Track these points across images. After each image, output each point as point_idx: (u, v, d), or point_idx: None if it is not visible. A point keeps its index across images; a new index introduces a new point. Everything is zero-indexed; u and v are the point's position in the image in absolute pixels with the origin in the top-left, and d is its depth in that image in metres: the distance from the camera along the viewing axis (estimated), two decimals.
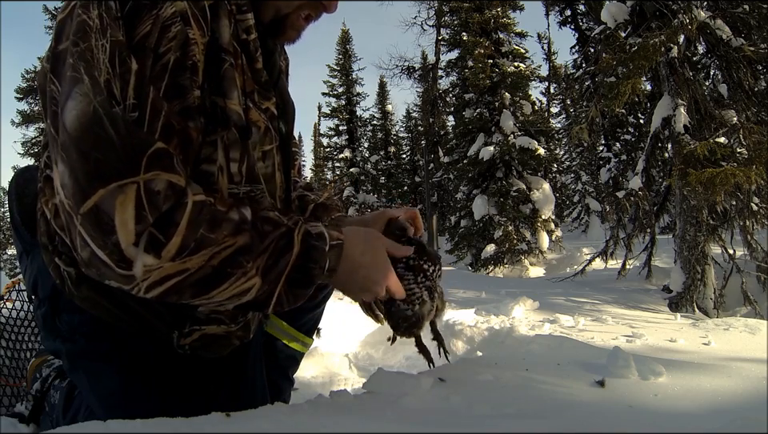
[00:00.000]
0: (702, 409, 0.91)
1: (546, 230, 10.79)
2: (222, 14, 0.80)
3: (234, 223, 0.74)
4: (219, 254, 0.72)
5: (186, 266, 0.70)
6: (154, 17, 0.72)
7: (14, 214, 1.00)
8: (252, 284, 0.75)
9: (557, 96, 18.23)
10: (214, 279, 0.73)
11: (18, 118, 17.37)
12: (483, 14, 11.84)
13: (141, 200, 0.67)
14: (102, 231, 0.67)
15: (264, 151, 0.88)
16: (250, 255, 0.74)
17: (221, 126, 0.80)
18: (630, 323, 3.28)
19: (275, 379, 1.20)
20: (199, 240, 0.70)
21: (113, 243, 0.67)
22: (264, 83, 0.88)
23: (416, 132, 23.13)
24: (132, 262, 0.68)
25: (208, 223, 0.71)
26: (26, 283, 1.01)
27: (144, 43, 0.71)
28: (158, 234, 0.68)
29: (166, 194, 0.69)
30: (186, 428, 0.68)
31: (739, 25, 4.83)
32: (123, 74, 0.70)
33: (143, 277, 0.69)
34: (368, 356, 2.68)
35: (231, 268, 0.73)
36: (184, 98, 0.74)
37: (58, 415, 1.14)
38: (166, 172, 0.70)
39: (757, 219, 4.74)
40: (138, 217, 0.67)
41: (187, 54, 0.74)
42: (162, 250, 0.68)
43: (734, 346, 2.11)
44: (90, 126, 0.68)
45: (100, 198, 0.67)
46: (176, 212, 0.70)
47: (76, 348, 0.91)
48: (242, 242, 0.73)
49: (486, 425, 0.78)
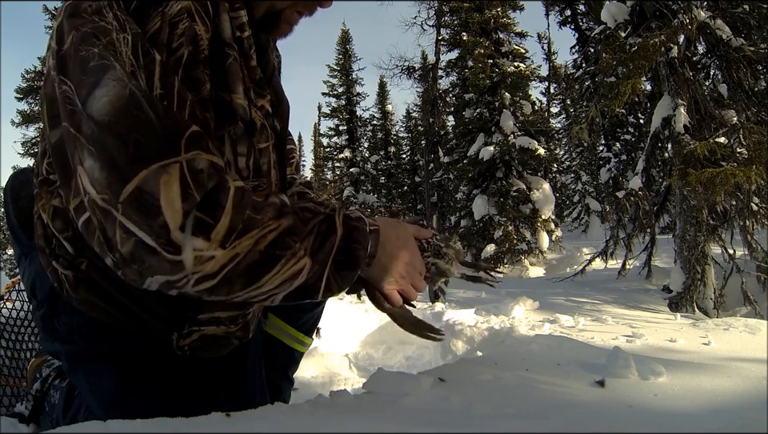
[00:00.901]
0: (701, 409, 0.91)
1: (546, 230, 10.79)
2: (221, 9, 0.80)
3: (276, 207, 0.74)
4: (265, 237, 0.71)
5: (236, 251, 0.69)
6: (161, 14, 0.72)
7: (10, 217, 1.00)
8: (303, 265, 0.74)
9: (557, 96, 18.22)
10: (264, 264, 0.71)
11: (17, 118, 17.37)
12: (483, 14, 11.84)
13: (185, 179, 0.66)
14: (147, 214, 0.65)
15: (260, 149, 0.87)
16: (297, 236, 0.74)
17: (227, 121, 0.80)
18: (630, 323, 3.28)
19: (275, 379, 1.20)
20: (247, 221, 0.70)
21: (159, 225, 0.65)
22: (258, 80, 0.87)
23: (416, 132, 23.12)
24: (180, 246, 0.66)
25: (252, 206, 0.71)
26: (25, 285, 1.01)
27: (156, 39, 0.71)
28: (206, 216, 0.67)
29: (209, 172, 0.69)
30: (185, 428, 0.68)
31: (739, 25, 4.83)
32: (148, 64, 0.70)
33: (194, 267, 0.67)
34: (368, 356, 2.68)
35: (280, 250, 0.72)
36: (200, 90, 0.75)
37: (58, 415, 1.14)
38: (205, 153, 0.70)
39: (757, 219, 4.74)
40: (184, 195, 0.66)
41: (199, 48, 0.74)
42: (211, 232, 0.67)
43: (734, 346, 2.11)
44: (128, 109, 0.67)
45: (143, 179, 0.65)
46: (220, 194, 0.69)
47: (75, 349, 0.90)
48: (286, 224, 0.73)
49: (486, 425, 0.78)
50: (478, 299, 4.55)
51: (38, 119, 16.88)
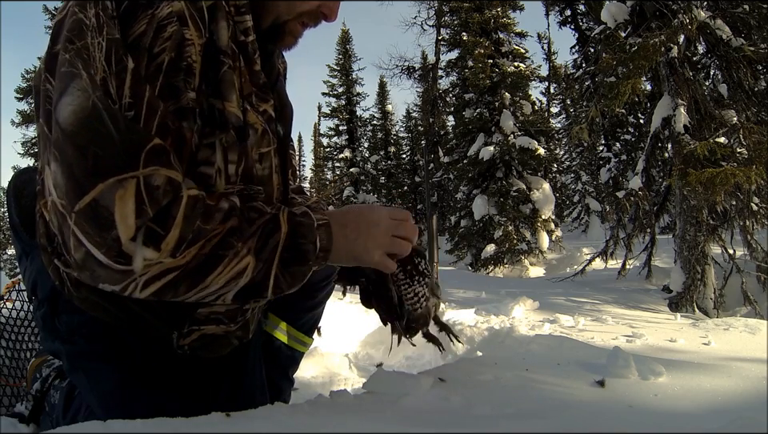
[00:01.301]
0: (701, 409, 0.91)
1: (546, 230, 10.80)
2: (219, 16, 0.79)
3: (224, 212, 0.75)
4: (211, 241, 0.73)
5: (186, 260, 0.71)
6: (149, 16, 0.71)
7: (12, 215, 1.00)
8: (246, 264, 0.75)
9: (557, 96, 18.21)
10: (208, 264, 0.73)
11: (18, 118, 17.38)
12: (483, 14, 11.85)
13: (141, 195, 0.68)
14: (100, 227, 0.67)
15: (261, 153, 0.87)
16: (241, 236, 0.75)
17: (219, 129, 0.80)
18: (630, 323, 3.28)
19: (275, 379, 1.20)
20: (196, 231, 0.71)
21: (112, 238, 0.67)
22: (262, 85, 0.88)
23: (416, 132, 23.13)
24: (131, 256, 0.68)
25: (203, 216, 0.72)
26: (26, 284, 1.01)
27: (139, 43, 0.71)
28: (157, 227, 0.69)
29: (165, 189, 0.70)
30: (185, 428, 0.68)
31: (739, 25, 4.84)
32: (119, 72, 0.70)
33: (142, 272, 0.69)
34: (368, 356, 2.68)
35: (223, 250, 0.73)
36: (178, 99, 0.74)
37: (58, 415, 1.14)
38: (164, 168, 0.70)
39: (757, 219, 4.74)
40: (138, 211, 0.67)
41: (182, 55, 0.73)
42: (161, 242, 0.69)
43: (734, 346, 2.11)
44: (89, 121, 0.68)
45: (99, 193, 0.67)
46: (173, 206, 0.70)
47: (75, 349, 0.90)
48: (230, 225, 0.75)
49: (486, 425, 0.78)
50: (477, 299, 4.55)
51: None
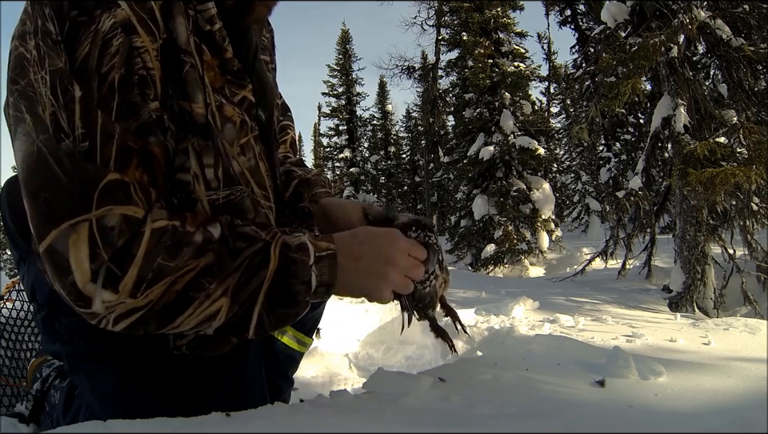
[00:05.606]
0: (701, 409, 0.91)
1: (546, 230, 10.79)
2: (176, 11, 0.75)
3: (197, 246, 0.71)
4: (182, 278, 0.69)
5: (149, 299, 0.68)
6: (92, 33, 0.67)
7: (7, 222, 0.98)
8: (218, 307, 0.71)
9: (557, 96, 18.20)
10: (177, 305, 0.70)
11: None
12: (483, 14, 11.83)
13: (94, 238, 0.66)
14: (59, 271, 0.67)
15: (242, 145, 0.85)
16: (213, 277, 0.71)
17: (190, 133, 0.77)
18: (630, 323, 3.28)
19: (275, 380, 1.20)
20: (157, 270, 0.68)
21: (69, 282, 0.66)
22: (236, 72, 0.84)
23: (416, 132, 23.12)
24: (91, 299, 0.67)
25: (167, 250, 0.69)
26: (25, 289, 1.01)
27: (86, 66, 0.67)
28: (115, 268, 0.66)
29: (120, 229, 0.67)
30: (185, 428, 0.68)
31: (739, 25, 4.83)
32: (67, 103, 0.67)
33: (105, 313, 0.68)
34: (368, 356, 2.68)
35: (193, 292, 0.70)
36: (138, 115, 0.70)
37: (59, 415, 1.14)
38: (119, 205, 0.67)
39: (757, 219, 4.74)
40: (92, 255, 0.66)
41: (133, 68, 0.69)
42: (118, 284, 0.67)
43: (734, 346, 2.11)
44: (36, 168, 0.67)
45: (53, 239, 0.66)
46: (132, 244, 0.67)
47: (75, 351, 0.91)
48: (203, 263, 0.70)
49: (485, 425, 0.78)
50: (477, 299, 4.55)
51: None
